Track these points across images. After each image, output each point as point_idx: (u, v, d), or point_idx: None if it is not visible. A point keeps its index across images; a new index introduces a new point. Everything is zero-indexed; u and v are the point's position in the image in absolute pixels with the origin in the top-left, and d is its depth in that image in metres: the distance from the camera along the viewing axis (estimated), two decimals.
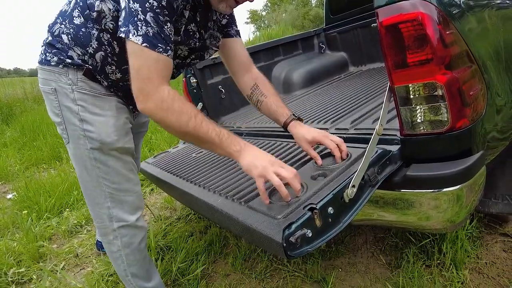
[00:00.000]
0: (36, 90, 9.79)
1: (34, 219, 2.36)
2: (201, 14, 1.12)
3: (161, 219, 2.28)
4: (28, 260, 1.97)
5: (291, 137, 1.26)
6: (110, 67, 1.14)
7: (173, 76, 1.21)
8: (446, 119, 1.00)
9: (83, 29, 1.09)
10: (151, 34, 0.91)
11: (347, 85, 2.58)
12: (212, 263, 1.80)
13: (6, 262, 1.92)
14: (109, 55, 1.11)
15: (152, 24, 0.91)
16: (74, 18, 1.09)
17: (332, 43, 3.44)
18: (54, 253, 2.06)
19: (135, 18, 0.90)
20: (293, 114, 1.25)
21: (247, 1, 1.07)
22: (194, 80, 2.34)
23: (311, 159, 1.18)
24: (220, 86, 2.55)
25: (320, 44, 3.44)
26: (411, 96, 1.05)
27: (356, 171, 0.95)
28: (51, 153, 4.28)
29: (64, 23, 1.11)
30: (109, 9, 1.04)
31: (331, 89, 2.60)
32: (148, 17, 0.90)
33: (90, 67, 1.13)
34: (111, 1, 1.03)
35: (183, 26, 1.08)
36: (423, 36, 0.95)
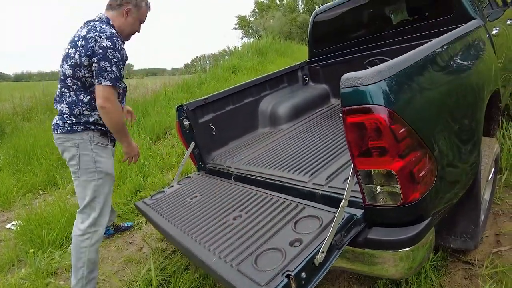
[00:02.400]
0: (25, 105, 9.77)
1: (39, 255, 2.52)
2: None
3: (158, 252, 2.47)
4: None
5: (278, 188, 1.79)
6: None
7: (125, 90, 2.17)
8: (399, 196, 1.24)
9: (93, 101, 1.87)
10: (113, 77, 1.79)
11: (328, 122, 2.82)
12: None
13: None
14: None
15: (115, 71, 1.79)
16: (82, 98, 1.88)
17: (315, 75, 3.69)
18: None
19: (103, 72, 1.76)
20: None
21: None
22: (187, 122, 2.54)
23: (291, 220, 1.41)
24: (210, 124, 2.75)
25: (304, 76, 3.69)
26: (371, 178, 1.28)
27: (325, 238, 1.17)
28: (46, 178, 4.40)
29: (79, 106, 1.88)
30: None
31: (314, 125, 2.83)
32: (113, 68, 1.78)
33: (103, 128, 1.93)
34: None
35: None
36: (379, 134, 1.18)
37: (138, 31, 2.11)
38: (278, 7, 51.83)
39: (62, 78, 1.89)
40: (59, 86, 1.92)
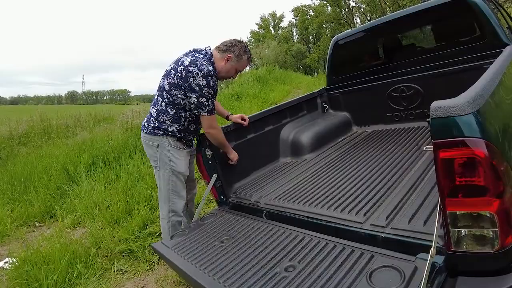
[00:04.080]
0: (22, 128, 9.50)
1: None
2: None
3: None
4: None
5: (326, 229, 1.58)
6: (191, 125, 2.29)
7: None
8: (493, 240, 1.03)
9: (176, 116, 2.22)
10: (209, 109, 2.15)
11: (359, 151, 2.62)
12: None
13: None
14: (190, 121, 2.27)
15: (210, 104, 2.14)
16: (169, 110, 2.22)
17: (334, 103, 3.53)
18: None
19: (201, 106, 2.12)
20: (229, 112, 2.68)
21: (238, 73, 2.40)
22: (210, 152, 2.32)
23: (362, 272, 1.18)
24: None
25: (323, 103, 3.52)
26: (459, 220, 1.07)
27: None
28: (44, 209, 4.09)
29: (164, 115, 2.22)
30: (189, 102, 2.16)
31: (343, 155, 2.63)
32: (209, 101, 2.13)
33: (179, 135, 2.25)
34: (187, 99, 2.15)
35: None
36: (477, 171, 0.98)
37: (234, 77, 2.42)
38: (273, 37, 53.11)
39: (161, 89, 2.24)
40: (157, 94, 2.29)
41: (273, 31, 55.68)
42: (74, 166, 5.03)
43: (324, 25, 46.11)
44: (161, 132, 2.22)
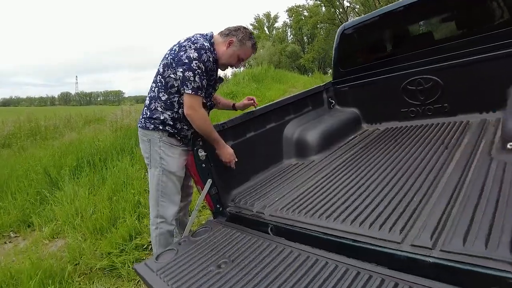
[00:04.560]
0: (7, 129, 9.07)
1: None
2: (216, 71, 2.07)
3: None
4: None
5: (353, 251, 1.26)
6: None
7: (211, 107, 2.23)
8: None
9: (168, 102, 1.97)
10: (195, 87, 1.84)
11: (373, 152, 2.28)
12: None
13: None
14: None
15: (197, 81, 1.84)
16: (161, 96, 1.97)
17: (342, 98, 3.20)
18: None
19: (187, 81, 1.83)
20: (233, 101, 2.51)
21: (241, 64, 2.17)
22: (203, 153, 1.98)
23: None
24: None
25: (330, 99, 3.19)
26: None
27: None
28: (21, 217, 3.70)
29: (156, 102, 1.98)
30: (175, 79, 1.92)
31: (356, 156, 2.29)
32: (196, 78, 1.84)
33: (172, 129, 1.99)
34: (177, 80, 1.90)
35: (211, 78, 2.03)
36: None
37: (235, 66, 2.14)
38: (268, 37, 52.90)
39: (156, 74, 2.02)
40: (152, 81, 2.05)
41: (267, 32, 55.50)
42: (57, 169, 4.65)
43: (318, 26, 46.09)
44: (152, 126, 1.97)
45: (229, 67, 2.12)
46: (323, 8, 44.46)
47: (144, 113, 2.03)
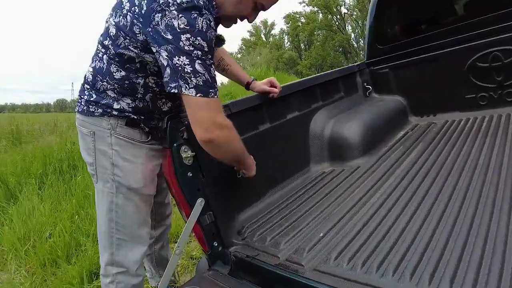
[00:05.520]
0: None
1: None
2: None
3: None
4: None
5: None
6: (160, 101, 1.22)
7: None
8: None
9: (127, 82, 1.14)
10: (201, 83, 0.98)
11: (442, 153, 1.51)
12: None
13: None
14: (157, 92, 1.19)
15: (201, 72, 0.97)
16: (114, 73, 1.13)
17: (380, 83, 2.40)
18: None
19: (182, 73, 0.96)
20: (251, 78, 1.58)
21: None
22: (190, 153, 1.15)
23: None
24: None
25: (365, 84, 2.39)
26: None
27: None
28: None
29: (105, 80, 1.15)
30: (152, 59, 1.08)
31: (423, 162, 1.50)
32: (197, 66, 0.96)
33: (133, 116, 1.18)
34: (149, 54, 1.07)
35: None
36: None
37: (249, 19, 1.20)
38: (265, 44, 52.58)
39: (104, 32, 1.17)
40: (97, 42, 1.21)
41: (264, 39, 55.21)
42: (19, 178, 3.83)
43: (315, 32, 45.91)
44: (100, 111, 1.18)
45: (238, 21, 1.21)
46: (320, 15, 44.33)
47: (86, 93, 1.21)
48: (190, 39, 0.95)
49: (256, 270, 1.07)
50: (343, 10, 42.65)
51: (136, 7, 1.02)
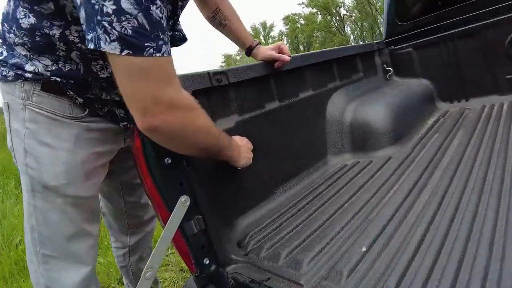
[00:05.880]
0: None
1: None
2: None
3: None
4: None
5: None
6: (96, 63, 0.82)
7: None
8: None
9: (38, 33, 0.76)
10: (129, 32, 0.58)
11: (487, 143, 1.18)
12: None
13: None
14: (88, 51, 0.78)
15: (131, 12, 0.57)
16: (21, 21, 0.76)
17: (402, 64, 2.07)
18: None
19: (99, 17, 0.57)
20: (255, 41, 1.24)
21: None
22: None
23: None
24: None
25: (384, 65, 2.06)
26: None
27: None
28: None
29: (12, 30, 0.78)
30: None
31: (461, 150, 1.18)
32: (124, 3, 0.56)
33: (55, 78, 0.79)
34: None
35: None
36: None
37: None
38: (264, 45, 52.65)
39: None
40: None
41: (263, 40, 55.14)
42: None
43: (314, 34, 45.84)
44: (13, 74, 0.80)
45: None
46: (320, 16, 44.24)
47: None
48: None
49: None
50: (342, 11, 42.58)
51: None
